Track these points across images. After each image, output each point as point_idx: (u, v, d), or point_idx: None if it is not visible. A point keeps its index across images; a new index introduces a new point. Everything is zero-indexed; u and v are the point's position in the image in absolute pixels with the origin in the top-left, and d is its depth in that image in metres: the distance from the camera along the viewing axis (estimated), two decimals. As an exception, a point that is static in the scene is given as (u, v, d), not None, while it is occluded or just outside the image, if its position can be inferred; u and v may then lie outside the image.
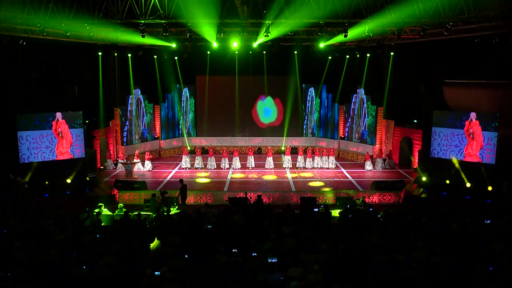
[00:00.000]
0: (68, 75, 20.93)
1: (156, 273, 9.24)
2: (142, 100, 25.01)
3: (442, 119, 18.56)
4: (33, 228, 11.93)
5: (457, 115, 18.15)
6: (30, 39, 16.80)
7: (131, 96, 24.09)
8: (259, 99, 26.85)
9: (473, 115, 17.51)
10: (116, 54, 22.40)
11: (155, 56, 24.35)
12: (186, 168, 22.32)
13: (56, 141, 18.01)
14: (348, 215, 13.84)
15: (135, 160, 21.39)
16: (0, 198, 16.19)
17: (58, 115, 17.90)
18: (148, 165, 22.25)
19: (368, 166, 22.13)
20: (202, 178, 20.38)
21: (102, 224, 12.99)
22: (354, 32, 17.48)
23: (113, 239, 11.38)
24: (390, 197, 17.38)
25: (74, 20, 15.40)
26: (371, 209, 14.40)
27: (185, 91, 26.99)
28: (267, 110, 27.02)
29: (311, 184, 19.35)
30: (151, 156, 22.95)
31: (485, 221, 12.69)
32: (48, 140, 17.88)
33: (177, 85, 26.49)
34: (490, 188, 16.94)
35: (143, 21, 15.85)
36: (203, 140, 26.88)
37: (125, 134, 23.95)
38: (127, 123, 24.07)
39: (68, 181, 18.01)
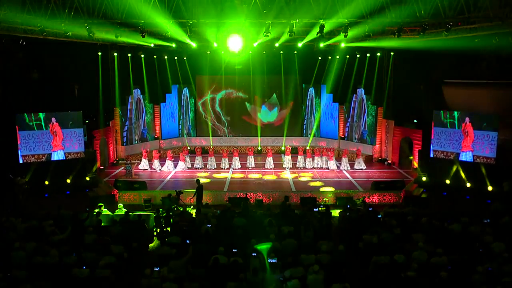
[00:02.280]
0: (68, 75, 20.91)
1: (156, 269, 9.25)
2: (142, 100, 25.02)
3: (442, 119, 18.58)
4: (33, 228, 11.93)
5: (455, 117, 18.27)
6: (30, 39, 16.78)
7: (131, 96, 24.11)
8: (261, 102, 26.83)
9: (467, 119, 17.74)
10: (116, 54, 22.41)
11: (155, 56, 24.36)
12: (186, 168, 22.29)
13: (52, 137, 18.45)
14: (348, 215, 13.84)
15: (145, 160, 21.26)
16: (0, 198, 16.20)
17: (53, 119, 18.30)
18: (182, 165, 21.79)
19: (332, 165, 22.08)
20: (202, 178, 20.35)
21: (102, 224, 13.00)
22: (354, 32, 17.47)
23: (113, 239, 11.38)
24: (390, 197, 17.38)
25: (74, 20, 15.38)
26: (370, 209, 14.40)
27: (185, 91, 27.00)
28: (266, 110, 27.00)
29: (311, 184, 19.36)
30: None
31: (484, 221, 12.70)
32: (47, 136, 18.19)
33: (177, 85, 26.50)
34: (490, 188, 16.93)
35: (143, 21, 15.83)
36: (203, 140, 26.88)
37: (125, 134, 23.96)
38: (127, 123, 24.09)
39: (68, 181, 18.02)
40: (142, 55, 23.43)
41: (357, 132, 25.14)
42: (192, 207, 15.77)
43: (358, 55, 23.46)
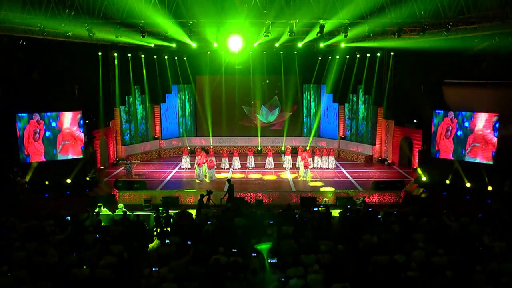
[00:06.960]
0: (68, 75, 20.91)
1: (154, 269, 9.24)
2: (142, 100, 25.01)
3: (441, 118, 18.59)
4: (33, 228, 11.92)
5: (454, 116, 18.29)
6: (30, 39, 16.79)
7: (131, 96, 24.09)
8: (260, 103, 26.81)
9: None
10: (116, 54, 22.41)
11: (155, 56, 24.37)
12: (186, 168, 22.31)
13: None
14: (348, 215, 13.83)
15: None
16: (0, 198, 16.19)
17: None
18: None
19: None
20: (204, 178, 20.35)
21: (102, 224, 12.98)
22: (354, 32, 17.48)
23: (113, 239, 11.37)
24: (390, 197, 17.38)
25: (74, 20, 15.38)
26: (370, 209, 14.38)
27: (185, 91, 27.00)
28: (267, 111, 26.98)
29: (311, 184, 19.36)
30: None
31: (479, 215, 12.74)
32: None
33: (177, 85, 26.50)
34: (490, 188, 16.92)
35: (143, 21, 15.82)
36: (203, 140, 26.87)
37: (125, 134, 23.96)
38: (127, 123, 24.08)
39: (68, 181, 18.01)
40: (142, 55, 23.43)
41: (357, 132, 25.14)
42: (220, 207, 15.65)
43: (358, 55, 23.46)
